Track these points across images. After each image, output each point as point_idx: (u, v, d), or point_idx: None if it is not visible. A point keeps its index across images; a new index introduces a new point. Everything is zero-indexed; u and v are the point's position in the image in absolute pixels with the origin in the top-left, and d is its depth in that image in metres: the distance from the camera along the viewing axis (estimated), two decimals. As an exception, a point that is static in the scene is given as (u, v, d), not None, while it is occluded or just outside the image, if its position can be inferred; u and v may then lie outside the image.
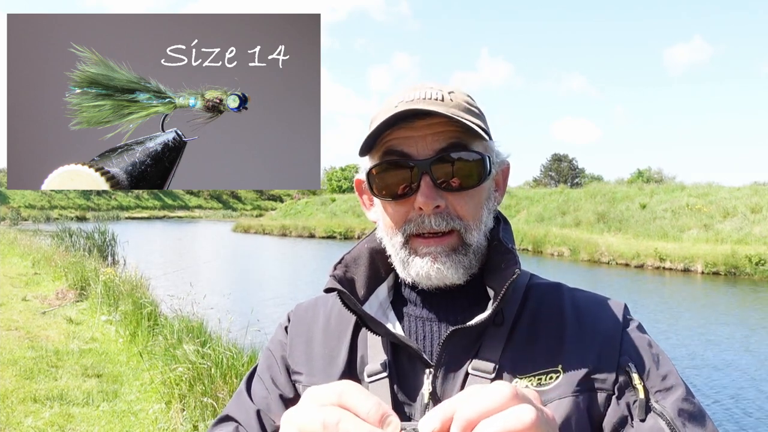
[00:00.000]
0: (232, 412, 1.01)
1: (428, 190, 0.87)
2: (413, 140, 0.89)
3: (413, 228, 0.90)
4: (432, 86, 0.93)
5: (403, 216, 0.91)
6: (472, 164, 0.89)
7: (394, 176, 0.90)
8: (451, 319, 0.94)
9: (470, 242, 0.91)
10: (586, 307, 0.94)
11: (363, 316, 0.92)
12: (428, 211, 0.88)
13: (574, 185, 58.78)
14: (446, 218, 0.89)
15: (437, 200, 0.88)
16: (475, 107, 0.94)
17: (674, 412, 0.83)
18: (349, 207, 43.11)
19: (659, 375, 0.87)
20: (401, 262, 0.93)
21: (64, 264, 13.11)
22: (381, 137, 0.90)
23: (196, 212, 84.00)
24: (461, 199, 0.90)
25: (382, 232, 0.97)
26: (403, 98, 0.91)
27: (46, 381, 6.15)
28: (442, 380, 0.89)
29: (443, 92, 0.91)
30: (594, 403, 0.85)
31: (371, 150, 0.93)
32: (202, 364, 5.11)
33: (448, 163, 0.88)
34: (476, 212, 0.91)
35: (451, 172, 0.88)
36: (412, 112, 0.86)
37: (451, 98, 0.91)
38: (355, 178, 1.03)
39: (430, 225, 0.89)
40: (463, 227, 0.90)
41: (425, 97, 0.90)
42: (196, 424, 4.71)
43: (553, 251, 24.83)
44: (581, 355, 0.88)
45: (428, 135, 0.88)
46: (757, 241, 20.56)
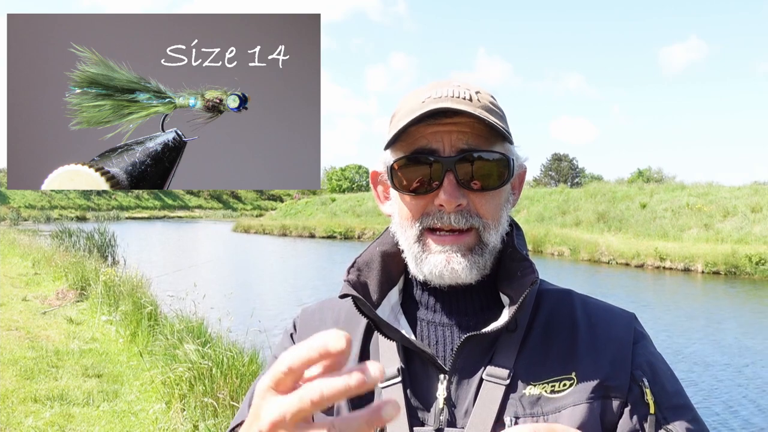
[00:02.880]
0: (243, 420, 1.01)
1: (451, 188, 0.87)
2: (439, 136, 0.88)
3: (430, 221, 0.90)
4: (459, 84, 0.92)
5: (421, 209, 0.91)
6: (496, 165, 0.89)
7: (418, 171, 0.89)
8: (463, 324, 0.94)
9: (487, 242, 0.90)
10: (597, 315, 0.95)
11: (378, 321, 0.91)
12: (450, 209, 0.88)
13: (574, 185, 58.78)
14: (466, 216, 0.88)
15: (459, 198, 0.87)
16: (499, 109, 0.94)
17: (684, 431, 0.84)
18: (349, 207, 43.14)
19: (669, 393, 0.88)
20: (414, 257, 0.92)
21: (64, 264, 13.12)
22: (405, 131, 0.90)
23: (196, 212, 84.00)
24: (483, 199, 0.90)
25: (396, 226, 0.96)
26: (431, 94, 0.90)
27: (46, 381, 6.15)
28: (457, 386, 0.89)
29: (471, 92, 0.91)
30: (608, 410, 0.86)
31: (395, 144, 0.92)
32: (202, 364, 5.11)
33: (472, 162, 0.88)
34: (496, 213, 0.91)
35: (474, 172, 0.88)
36: (443, 110, 0.86)
37: (479, 98, 0.90)
38: (371, 170, 1.02)
39: (449, 222, 0.88)
40: (483, 226, 0.90)
41: (453, 95, 0.89)
42: (196, 424, 4.71)
43: (554, 251, 24.83)
44: (594, 363, 0.88)
45: (454, 132, 0.88)
46: (757, 241, 20.57)
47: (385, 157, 0.95)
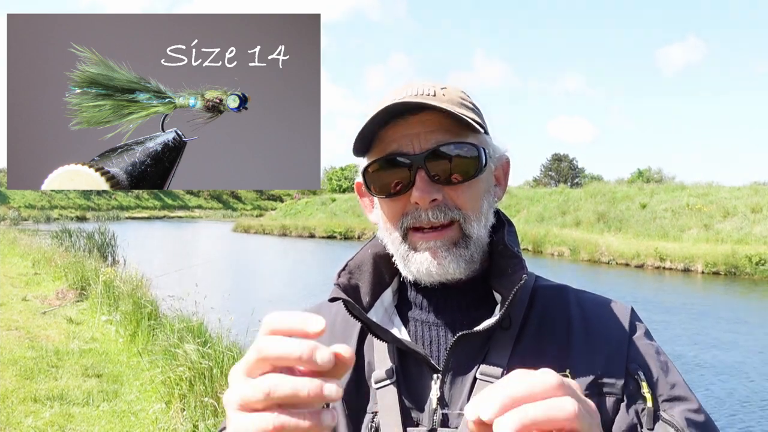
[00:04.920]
0: None
1: (423, 185, 0.87)
2: (407, 137, 0.89)
3: (410, 221, 0.90)
4: (424, 83, 0.93)
5: (399, 211, 0.91)
6: (467, 156, 0.89)
7: (390, 173, 0.90)
8: (457, 323, 0.94)
9: (470, 234, 0.90)
10: (592, 310, 0.94)
11: (369, 324, 0.91)
12: (425, 205, 0.88)
13: (574, 185, 58.75)
14: (444, 210, 0.88)
15: (433, 194, 0.87)
16: (469, 102, 0.94)
17: (683, 422, 0.83)
18: (349, 207, 43.11)
19: (668, 384, 0.87)
20: (401, 258, 0.93)
21: (64, 264, 13.12)
22: (376, 136, 0.90)
23: (196, 212, 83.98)
24: (458, 191, 0.89)
25: (382, 231, 0.97)
26: (395, 96, 0.90)
27: (46, 381, 6.15)
28: (450, 385, 0.89)
29: (435, 88, 0.91)
30: (603, 407, 0.85)
31: (368, 150, 0.93)
32: (202, 363, 5.11)
33: (443, 157, 0.88)
34: (475, 203, 0.91)
35: (446, 166, 0.88)
36: (402, 106, 0.86)
37: (444, 93, 0.91)
38: (356, 181, 1.02)
39: (428, 218, 0.88)
40: (463, 217, 0.89)
41: (417, 94, 0.89)
42: (196, 424, 4.71)
43: (553, 251, 24.82)
44: (589, 359, 0.88)
45: (422, 133, 0.88)
46: (757, 241, 20.56)
47: (361, 164, 0.96)
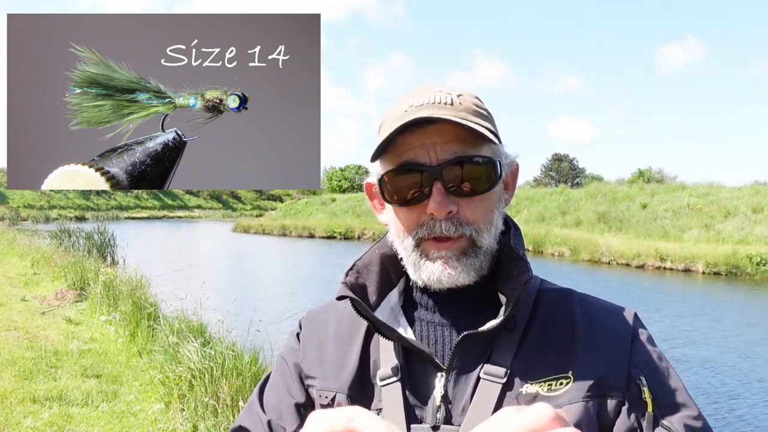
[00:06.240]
0: (244, 423, 1.03)
1: (440, 197, 0.88)
2: (425, 147, 0.89)
3: (425, 232, 0.91)
4: (441, 89, 0.93)
5: (414, 221, 0.92)
6: (483, 169, 0.90)
7: (406, 182, 0.90)
8: (462, 323, 0.95)
9: (481, 245, 0.92)
10: (596, 314, 0.95)
11: (375, 322, 0.93)
12: (441, 216, 0.89)
13: (575, 185, 58.77)
14: (456, 224, 0.89)
15: (449, 206, 0.88)
16: (484, 110, 0.95)
17: (682, 429, 0.84)
18: (349, 207, 43.14)
19: (668, 390, 0.88)
20: (413, 264, 0.94)
21: (63, 264, 13.11)
22: (391, 142, 0.91)
23: (196, 212, 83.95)
24: (472, 204, 0.90)
25: (394, 236, 0.98)
26: (413, 102, 0.91)
27: (45, 381, 6.15)
28: (454, 384, 0.90)
29: (452, 96, 0.91)
30: (604, 409, 0.86)
31: (380, 154, 0.93)
32: (203, 364, 5.11)
33: (459, 168, 0.89)
34: (487, 216, 0.92)
35: (461, 178, 0.89)
36: (423, 120, 0.87)
37: (460, 102, 0.91)
38: (365, 182, 1.03)
39: (441, 230, 0.89)
40: (474, 231, 0.91)
41: (434, 101, 0.90)
42: (196, 424, 4.71)
43: (554, 251, 24.83)
44: (592, 362, 0.89)
45: (438, 142, 0.89)
46: (758, 241, 20.56)
47: (375, 168, 0.96)
